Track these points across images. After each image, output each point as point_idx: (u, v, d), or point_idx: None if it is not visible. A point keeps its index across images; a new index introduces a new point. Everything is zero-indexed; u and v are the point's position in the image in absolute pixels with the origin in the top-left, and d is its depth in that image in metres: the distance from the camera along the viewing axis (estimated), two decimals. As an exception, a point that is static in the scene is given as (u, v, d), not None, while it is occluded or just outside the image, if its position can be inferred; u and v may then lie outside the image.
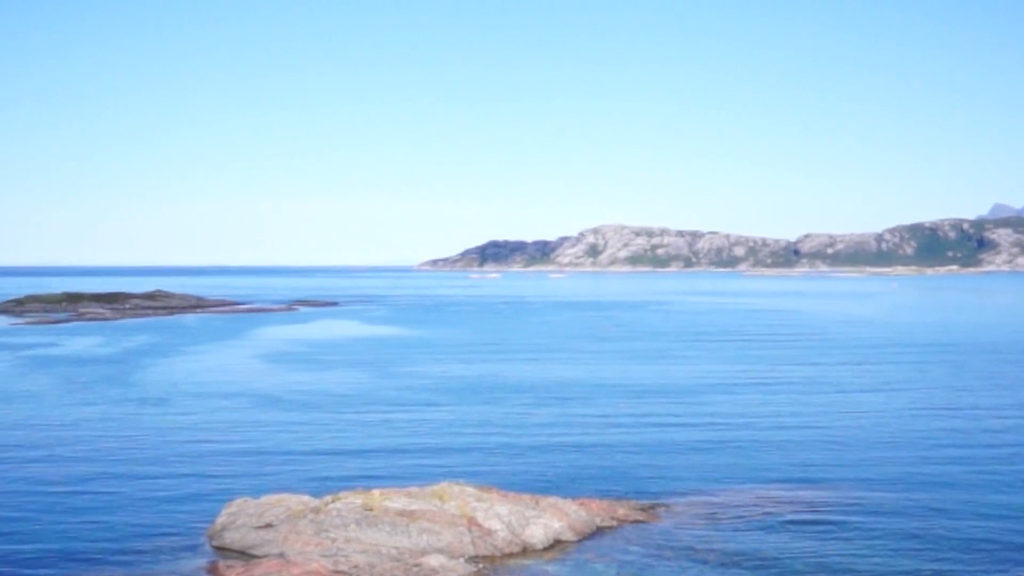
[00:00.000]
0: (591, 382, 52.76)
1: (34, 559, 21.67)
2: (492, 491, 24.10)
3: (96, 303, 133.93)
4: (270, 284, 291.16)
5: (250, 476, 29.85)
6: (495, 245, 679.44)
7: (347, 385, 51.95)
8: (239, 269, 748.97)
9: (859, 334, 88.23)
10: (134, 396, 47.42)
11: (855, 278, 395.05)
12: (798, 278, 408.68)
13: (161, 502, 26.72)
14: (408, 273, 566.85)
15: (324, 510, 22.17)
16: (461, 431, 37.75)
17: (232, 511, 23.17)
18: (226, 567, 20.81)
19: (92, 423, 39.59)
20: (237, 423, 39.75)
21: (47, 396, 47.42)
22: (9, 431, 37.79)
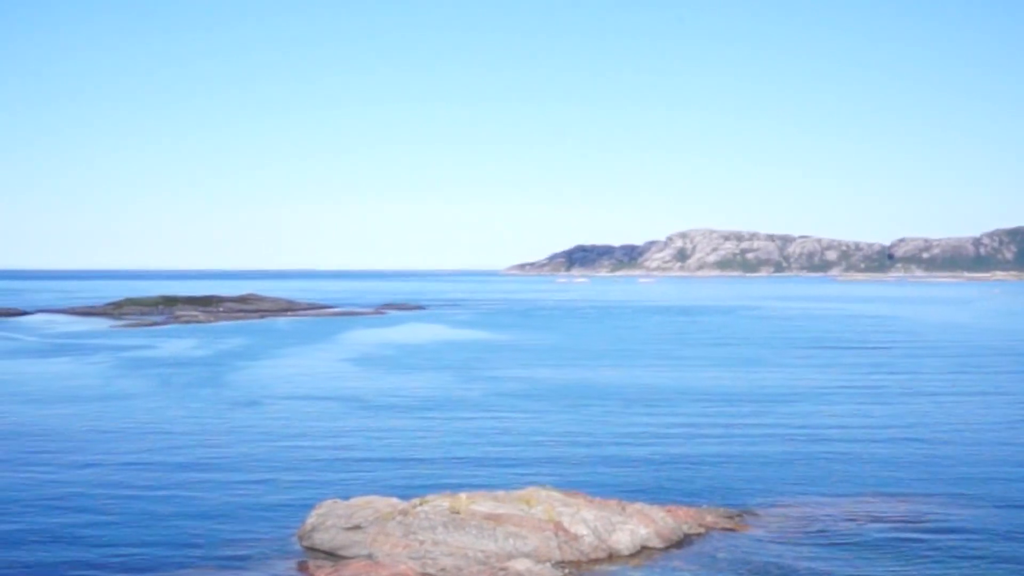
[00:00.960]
0: (679, 388, 52.32)
1: (130, 556, 22.23)
2: (578, 496, 24.03)
3: (191, 306, 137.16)
4: (359, 288, 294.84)
5: (339, 478, 30.23)
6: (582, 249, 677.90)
7: (434, 389, 52.31)
8: (329, 273, 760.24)
9: (958, 341, 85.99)
10: (227, 398, 48.39)
11: (952, 283, 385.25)
12: (892, 283, 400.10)
13: (253, 502, 27.21)
14: (495, 277, 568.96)
15: (412, 513, 22.32)
16: (547, 436, 37.72)
17: (321, 512, 23.46)
18: (316, 567, 21.10)
19: (186, 424, 40.49)
20: (326, 425, 40.30)
21: (143, 397, 48.64)
22: (106, 432, 38.85)
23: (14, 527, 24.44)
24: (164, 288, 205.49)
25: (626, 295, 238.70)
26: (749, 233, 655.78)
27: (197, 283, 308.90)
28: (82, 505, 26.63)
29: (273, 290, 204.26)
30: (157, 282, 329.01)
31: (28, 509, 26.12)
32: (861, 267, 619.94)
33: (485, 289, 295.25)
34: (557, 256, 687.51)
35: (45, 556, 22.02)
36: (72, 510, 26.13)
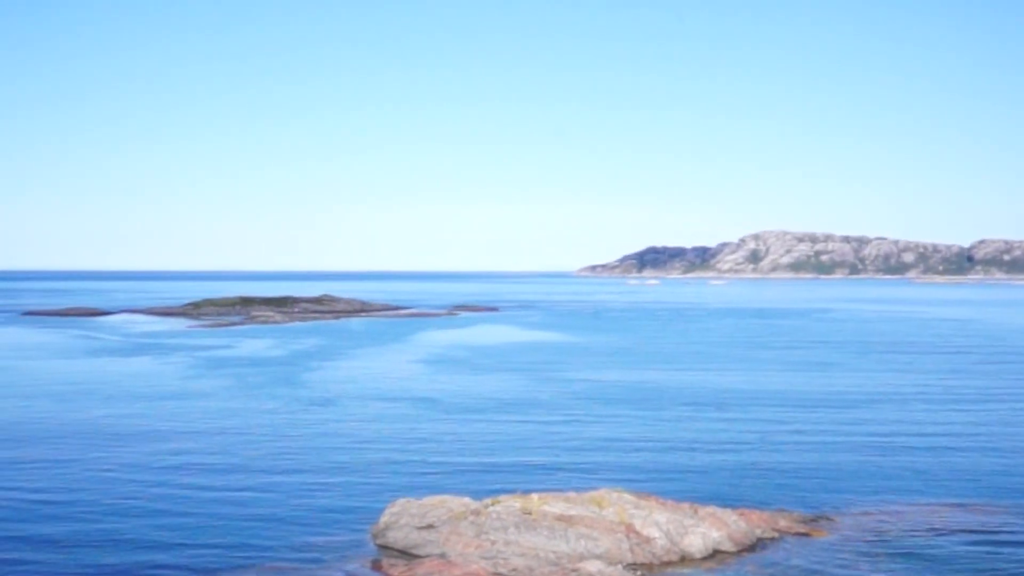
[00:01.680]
0: (752, 391, 51.86)
1: (206, 553, 22.71)
2: (650, 498, 24.00)
3: (267, 307, 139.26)
4: (432, 289, 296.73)
5: (411, 477, 30.55)
6: (654, 251, 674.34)
7: (505, 390, 52.50)
8: (402, 274, 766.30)
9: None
10: (302, 398, 49.10)
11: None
12: (972, 286, 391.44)
13: (328, 500, 27.62)
14: (567, 279, 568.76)
15: (484, 513, 22.49)
16: (618, 438, 37.67)
17: (395, 511, 23.73)
18: (389, 565, 21.37)
19: (262, 424, 41.19)
20: (399, 425, 40.70)
21: (220, 397, 49.56)
22: (184, 431, 39.66)
23: (90, 527, 24.99)
24: (241, 289, 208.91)
25: (698, 297, 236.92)
26: (824, 235, 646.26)
27: (273, 284, 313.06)
28: (159, 505, 27.16)
29: (347, 291, 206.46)
30: (235, 283, 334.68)
31: (104, 508, 26.70)
32: (939, 269, 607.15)
33: (557, 291, 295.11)
34: (629, 258, 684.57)
35: (122, 557, 22.47)
36: (148, 510, 26.67)
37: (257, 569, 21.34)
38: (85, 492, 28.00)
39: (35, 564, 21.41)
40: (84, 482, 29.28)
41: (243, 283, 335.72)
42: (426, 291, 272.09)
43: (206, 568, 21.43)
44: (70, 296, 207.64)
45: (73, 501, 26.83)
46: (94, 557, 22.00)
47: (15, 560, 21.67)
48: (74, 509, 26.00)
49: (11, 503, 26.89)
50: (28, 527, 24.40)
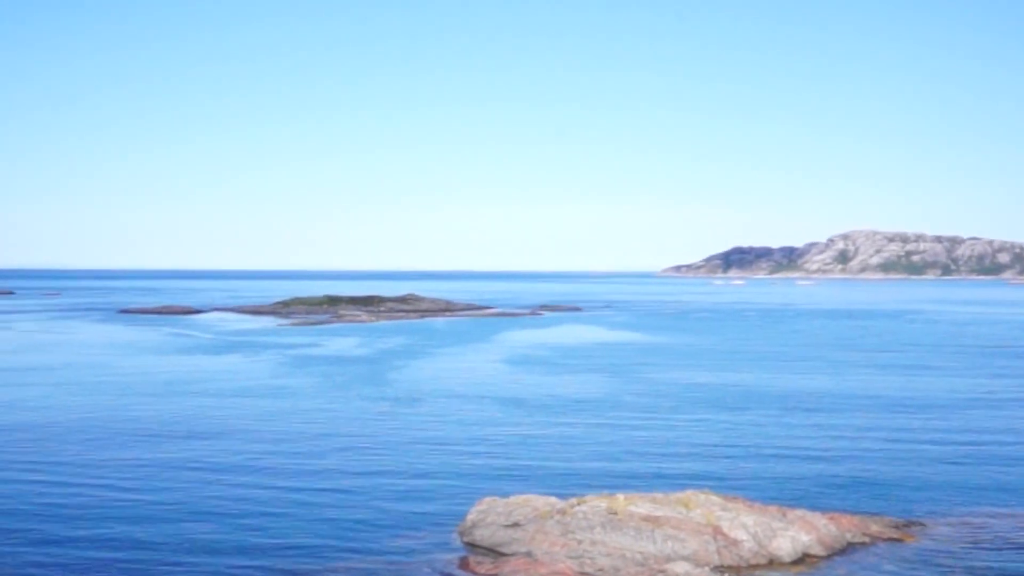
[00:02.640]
0: (841, 393, 51.03)
1: (298, 549, 23.11)
2: (738, 500, 23.79)
3: (353, 306, 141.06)
4: (515, 289, 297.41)
5: (497, 475, 30.71)
6: (739, 251, 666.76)
7: (590, 390, 52.43)
8: (486, 274, 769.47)
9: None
10: (388, 395, 49.66)
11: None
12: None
13: (415, 497, 27.91)
14: (651, 279, 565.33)
15: (570, 512, 22.52)
16: (704, 439, 37.38)
17: (481, 509, 23.90)
18: (476, 563, 21.52)
19: (349, 421, 41.77)
20: (483, 423, 40.94)
21: (308, 394, 50.37)
22: (272, 429, 40.41)
23: (176, 528, 25.46)
24: (329, 288, 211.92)
25: (785, 298, 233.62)
26: (915, 234, 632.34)
27: (360, 283, 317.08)
28: (246, 506, 27.62)
29: (432, 291, 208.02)
30: (322, 282, 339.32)
31: (191, 509, 27.14)
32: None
33: (641, 291, 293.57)
34: (714, 258, 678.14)
35: (208, 559, 22.86)
36: (236, 511, 27.14)
37: (346, 567, 21.63)
38: (173, 492, 28.38)
39: (121, 564, 21.67)
40: (173, 481, 29.74)
41: (330, 282, 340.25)
42: (509, 291, 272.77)
43: (295, 568, 21.71)
44: (164, 295, 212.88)
45: (161, 501, 27.16)
46: (180, 558, 22.24)
47: (101, 560, 21.98)
48: (161, 509, 26.32)
49: (101, 501, 27.43)
50: (115, 527, 24.79)
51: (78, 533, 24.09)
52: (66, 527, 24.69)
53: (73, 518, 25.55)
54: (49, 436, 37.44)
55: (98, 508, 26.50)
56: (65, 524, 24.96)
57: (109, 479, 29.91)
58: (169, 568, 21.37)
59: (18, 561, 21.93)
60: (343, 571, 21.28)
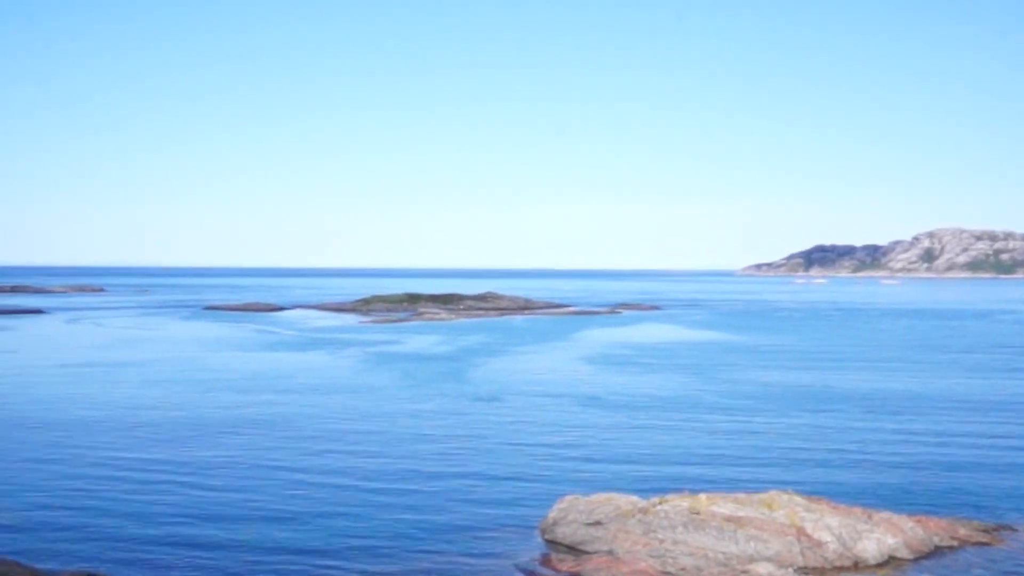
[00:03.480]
0: (928, 394, 50.09)
1: (379, 548, 23.46)
2: (822, 502, 23.55)
3: (433, 303, 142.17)
4: (594, 287, 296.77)
5: (577, 473, 30.80)
6: (821, 249, 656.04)
7: (670, 388, 52.22)
8: (565, 272, 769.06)
9: None
10: (468, 393, 50.01)
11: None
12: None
13: (496, 495, 28.13)
14: (730, 277, 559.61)
15: (652, 511, 22.52)
16: (787, 439, 37.03)
17: (563, 507, 24.01)
18: (558, 560, 21.65)
19: (429, 418, 42.18)
20: (563, 422, 41.04)
21: (389, 391, 50.96)
22: (355, 426, 41.00)
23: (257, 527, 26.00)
24: (409, 286, 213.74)
25: (869, 297, 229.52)
26: (1004, 232, 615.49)
27: (439, 281, 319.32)
28: (327, 505, 28.05)
29: (511, 288, 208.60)
30: (402, 280, 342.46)
31: (273, 506, 27.71)
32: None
33: (721, 289, 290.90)
34: (795, 256, 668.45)
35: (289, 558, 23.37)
36: (317, 510, 27.60)
37: (428, 565, 21.86)
38: (256, 491, 28.65)
39: (202, 564, 21.95)
40: (254, 479, 30.05)
41: (410, 280, 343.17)
42: (588, 289, 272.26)
43: (377, 567, 21.98)
44: (248, 292, 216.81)
45: (243, 500, 27.40)
46: (261, 557, 22.42)
47: (183, 560, 22.29)
48: (243, 509, 26.55)
49: (183, 498, 27.98)
50: (198, 526, 25.20)
51: (158, 532, 24.66)
52: (146, 525, 25.33)
53: (154, 515, 26.22)
54: (136, 433, 38.45)
55: (181, 507, 26.98)
56: (146, 522, 25.59)
57: (193, 477, 30.44)
58: (250, 568, 21.71)
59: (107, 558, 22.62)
60: (425, 570, 21.53)
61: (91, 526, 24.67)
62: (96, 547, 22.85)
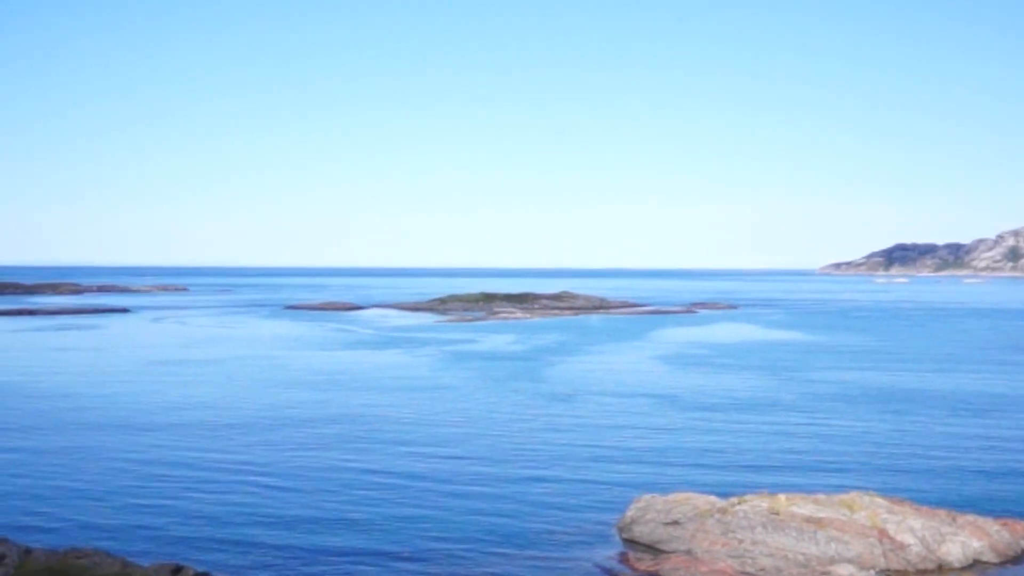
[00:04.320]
0: (1012, 396, 49.00)
1: (460, 543, 23.74)
2: (904, 504, 23.26)
3: (508, 303, 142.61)
4: (670, 287, 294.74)
5: (654, 473, 30.77)
6: (902, 248, 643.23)
7: (747, 388, 51.79)
8: (640, 272, 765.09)
9: None
10: (543, 392, 50.14)
11: None
12: None
13: (573, 493, 28.24)
14: (809, 277, 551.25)
15: (730, 511, 22.47)
16: (866, 440, 36.54)
17: (641, 506, 24.05)
18: (636, 559, 21.70)
19: (506, 417, 42.41)
20: (639, 421, 40.97)
21: (466, 389, 51.31)
22: (431, 424, 41.40)
23: (338, 530, 26.44)
24: (484, 285, 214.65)
25: (952, 296, 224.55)
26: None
27: (514, 281, 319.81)
28: (408, 500, 28.47)
29: (586, 288, 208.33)
30: (477, 279, 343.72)
31: (348, 500, 28.22)
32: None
33: (799, 289, 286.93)
34: (875, 255, 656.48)
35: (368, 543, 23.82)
36: (397, 506, 28.01)
37: (507, 561, 22.06)
38: (332, 492, 28.86)
39: (277, 563, 22.32)
40: (332, 480, 30.27)
41: (485, 279, 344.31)
42: (664, 288, 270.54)
43: (458, 561, 22.32)
44: (326, 291, 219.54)
45: (320, 502, 27.66)
46: (338, 559, 22.54)
47: (259, 562, 22.68)
48: (320, 510, 26.86)
49: (262, 499, 28.50)
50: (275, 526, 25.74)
51: (238, 531, 25.24)
52: (227, 524, 25.93)
53: (234, 515, 26.81)
54: (218, 433, 39.27)
55: (260, 507, 27.50)
56: (227, 521, 26.20)
57: (272, 479, 30.87)
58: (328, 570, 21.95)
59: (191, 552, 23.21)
60: (505, 564, 21.76)
61: (176, 521, 25.34)
62: (181, 542, 23.49)
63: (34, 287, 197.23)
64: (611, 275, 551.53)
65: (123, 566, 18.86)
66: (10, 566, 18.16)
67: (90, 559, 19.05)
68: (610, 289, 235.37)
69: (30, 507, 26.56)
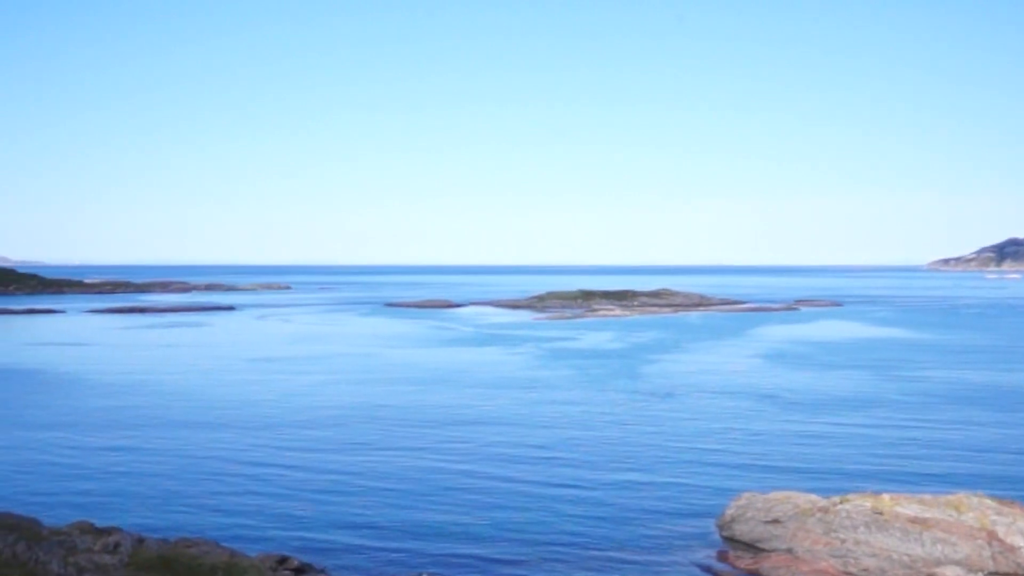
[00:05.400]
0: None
1: (558, 539, 23.79)
2: (1014, 505, 22.51)
3: (607, 300, 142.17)
4: (772, 283, 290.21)
5: (754, 471, 30.41)
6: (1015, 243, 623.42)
7: (851, 387, 50.76)
8: (741, 268, 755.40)
9: None
10: (641, 390, 49.88)
11: None
12: None
13: (672, 490, 28.08)
14: (916, 273, 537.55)
15: (832, 510, 22.06)
16: (976, 440, 35.54)
17: (740, 504, 23.77)
18: (735, 557, 21.47)
19: (603, 415, 42.31)
20: (739, 419, 40.49)
21: (563, 387, 51.31)
22: (528, 422, 41.52)
23: (424, 516, 26.75)
24: (582, 283, 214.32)
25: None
26: None
27: (613, 278, 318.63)
28: (507, 501, 28.62)
29: (686, 285, 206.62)
30: (575, 277, 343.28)
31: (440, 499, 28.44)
32: None
33: (906, 285, 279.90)
34: (986, 250, 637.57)
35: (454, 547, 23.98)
36: (495, 507, 28.17)
37: (606, 556, 22.05)
38: (428, 493, 28.94)
39: (368, 564, 22.34)
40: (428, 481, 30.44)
41: (584, 277, 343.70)
42: (765, 285, 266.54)
43: (557, 556, 22.35)
44: (424, 289, 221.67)
45: (417, 502, 27.84)
46: (436, 560, 22.61)
47: (356, 562, 22.79)
48: (416, 509, 26.95)
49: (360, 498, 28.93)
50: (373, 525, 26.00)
51: (339, 530, 25.70)
52: (329, 522, 26.40)
53: (335, 512, 27.30)
54: (317, 432, 39.99)
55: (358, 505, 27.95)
56: (329, 519, 26.69)
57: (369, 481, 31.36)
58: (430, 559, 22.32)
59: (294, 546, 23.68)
60: (603, 560, 21.74)
61: (280, 516, 25.90)
62: (285, 536, 23.99)
63: (145, 285, 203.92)
64: (711, 272, 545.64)
65: (230, 556, 19.38)
66: (124, 554, 18.80)
67: (199, 548, 19.63)
68: (710, 286, 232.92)
69: (139, 500, 27.42)
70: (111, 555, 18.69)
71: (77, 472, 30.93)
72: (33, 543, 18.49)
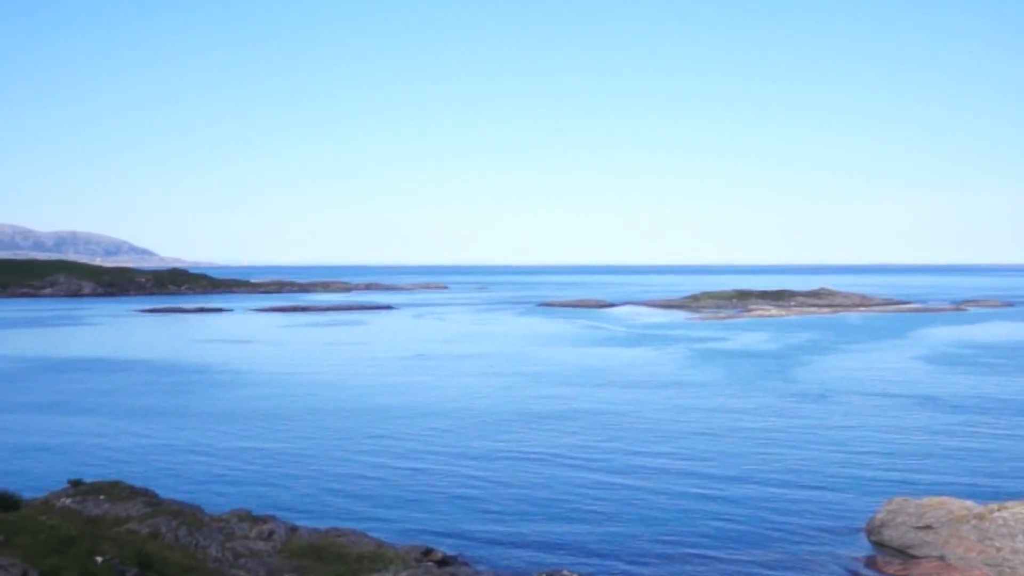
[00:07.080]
0: None
1: (704, 539, 23.79)
2: None
3: (763, 300, 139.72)
4: (938, 283, 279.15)
5: (907, 475, 29.68)
6: None
7: (1016, 391, 48.71)
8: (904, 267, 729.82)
9: None
10: (794, 391, 49.02)
11: None
12: None
13: (822, 493, 27.67)
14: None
15: (988, 517, 21.41)
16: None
17: (891, 509, 23.30)
18: (884, 563, 21.09)
19: (754, 416, 41.80)
20: (894, 422, 39.43)
21: (715, 387, 50.88)
22: (678, 424, 41.39)
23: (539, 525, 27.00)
24: (738, 282, 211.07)
25: None
26: None
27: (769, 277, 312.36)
28: (651, 500, 28.72)
29: (845, 285, 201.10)
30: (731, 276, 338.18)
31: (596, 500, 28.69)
32: None
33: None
34: None
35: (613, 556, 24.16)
36: (638, 505, 28.27)
37: (754, 558, 21.93)
38: (571, 484, 29.49)
39: (502, 561, 22.94)
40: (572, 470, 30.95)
41: (739, 276, 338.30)
42: (931, 284, 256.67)
43: (707, 554, 22.41)
44: (577, 288, 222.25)
45: (556, 488, 28.48)
46: (575, 558, 22.96)
47: (499, 555, 23.45)
48: (555, 494, 27.66)
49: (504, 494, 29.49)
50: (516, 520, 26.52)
51: (482, 523, 26.23)
52: (477, 516, 26.99)
53: (482, 507, 27.85)
54: (467, 426, 40.84)
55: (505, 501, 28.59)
56: (476, 513, 27.28)
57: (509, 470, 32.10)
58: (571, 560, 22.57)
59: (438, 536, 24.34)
60: (751, 562, 21.66)
61: (428, 507, 26.69)
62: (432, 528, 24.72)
63: (307, 285, 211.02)
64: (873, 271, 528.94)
65: (378, 546, 20.20)
66: (278, 542, 19.82)
67: (348, 538, 20.53)
68: (871, 286, 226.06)
69: (293, 490, 28.65)
70: (265, 542, 19.75)
71: (237, 462, 32.55)
72: (195, 528, 19.70)
